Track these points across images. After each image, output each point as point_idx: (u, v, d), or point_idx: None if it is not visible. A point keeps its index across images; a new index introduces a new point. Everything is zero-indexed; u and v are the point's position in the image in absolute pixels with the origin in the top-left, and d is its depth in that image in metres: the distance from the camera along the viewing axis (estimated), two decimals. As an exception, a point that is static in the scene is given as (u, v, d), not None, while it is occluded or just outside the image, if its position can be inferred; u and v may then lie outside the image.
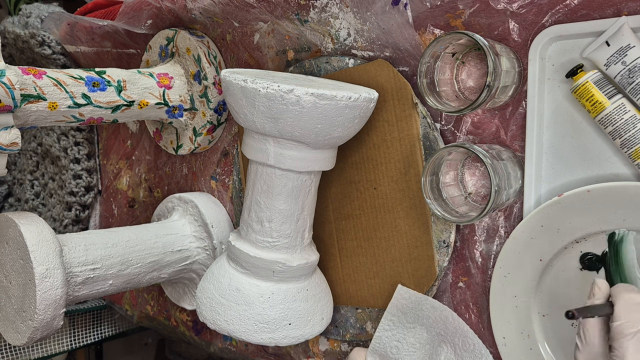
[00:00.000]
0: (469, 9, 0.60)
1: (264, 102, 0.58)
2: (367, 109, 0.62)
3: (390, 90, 0.67)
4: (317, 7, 0.71)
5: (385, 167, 0.68)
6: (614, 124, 0.53)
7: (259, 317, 0.66)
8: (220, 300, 0.68)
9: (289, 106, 0.57)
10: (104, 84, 0.75)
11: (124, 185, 1.10)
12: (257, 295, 0.67)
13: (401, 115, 0.66)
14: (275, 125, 0.59)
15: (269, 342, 0.66)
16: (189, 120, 0.86)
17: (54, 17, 1.07)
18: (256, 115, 0.60)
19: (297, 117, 0.58)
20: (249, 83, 0.58)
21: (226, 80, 0.62)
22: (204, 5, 0.81)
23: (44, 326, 0.68)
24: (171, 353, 1.58)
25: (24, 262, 0.68)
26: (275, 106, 0.58)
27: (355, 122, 0.62)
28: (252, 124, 0.61)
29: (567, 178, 0.58)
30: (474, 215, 0.56)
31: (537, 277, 0.60)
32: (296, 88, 0.57)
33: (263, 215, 0.66)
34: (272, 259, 0.67)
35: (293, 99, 0.57)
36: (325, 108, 0.58)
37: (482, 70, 0.59)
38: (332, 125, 0.60)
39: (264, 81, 0.58)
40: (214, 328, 0.68)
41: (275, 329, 0.66)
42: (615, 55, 0.52)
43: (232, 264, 0.70)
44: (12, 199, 1.32)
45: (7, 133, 0.66)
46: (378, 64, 0.67)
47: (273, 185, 0.65)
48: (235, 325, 0.66)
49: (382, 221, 0.70)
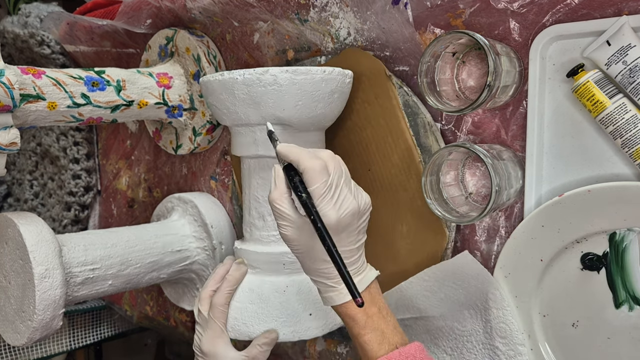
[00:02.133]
0: (469, 9, 0.60)
1: (243, 89, 0.60)
2: (344, 83, 0.64)
3: (363, 72, 0.68)
4: (317, 6, 0.71)
5: (375, 146, 0.68)
6: (614, 123, 0.53)
7: (277, 313, 0.64)
8: (235, 304, 0.66)
9: (267, 87, 0.60)
10: (103, 84, 0.75)
11: (124, 185, 1.10)
12: (271, 291, 0.65)
13: (379, 92, 0.67)
14: (257, 111, 0.61)
15: (292, 336, 0.64)
16: (189, 120, 0.85)
17: (53, 17, 1.07)
18: (238, 105, 0.62)
19: (277, 97, 0.60)
20: (226, 75, 0.61)
21: (205, 82, 0.64)
22: (204, 4, 0.80)
23: (43, 326, 0.68)
24: (171, 354, 1.58)
25: (23, 262, 0.67)
26: (254, 90, 0.60)
27: (334, 97, 0.63)
28: (236, 116, 0.63)
29: (568, 178, 0.58)
30: (475, 215, 0.56)
31: (537, 277, 0.60)
32: (271, 69, 0.59)
33: (263, 209, 0.66)
34: (280, 250, 0.66)
35: (270, 79, 0.59)
36: (302, 83, 0.60)
37: (482, 69, 0.59)
38: (312, 100, 0.61)
39: (240, 70, 0.61)
40: (234, 336, 0.66)
41: (297, 322, 0.64)
42: (616, 55, 0.52)
43: None
44: (11, 199, 1.32)
45: (7, 133, 0.66)
46: (346, 53, 0.70)
47: (268, 177, 0.65)
48: (255, 327, 0.64)
49: (383, 200, 0.69)
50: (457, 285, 0.64)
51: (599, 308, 0.57)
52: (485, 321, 0.63)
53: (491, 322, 0.63)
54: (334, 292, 0.54)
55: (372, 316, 0.53)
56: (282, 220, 0.52)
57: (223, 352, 0.64)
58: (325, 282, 0.54)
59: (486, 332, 0.63)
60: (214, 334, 0.65)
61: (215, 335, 0.65)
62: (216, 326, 0.65)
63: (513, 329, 0.61)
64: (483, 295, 0.63)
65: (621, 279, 0.55)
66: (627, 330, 0.56)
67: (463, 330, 0.65)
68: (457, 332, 0.66)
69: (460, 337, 0.66)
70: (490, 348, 0.63)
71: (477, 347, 0.64)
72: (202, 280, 0.87)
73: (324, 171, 0.50)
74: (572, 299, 0.58)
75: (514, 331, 0.61)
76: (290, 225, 0.52)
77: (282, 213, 0.52)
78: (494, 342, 0.63)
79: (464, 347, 0.65)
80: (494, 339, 0.62)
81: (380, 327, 0.53)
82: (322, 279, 0.54)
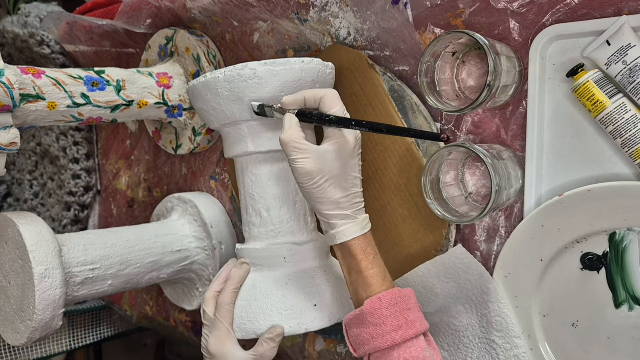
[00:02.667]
0: (469, 8, 0.60)
1: (226, 86, 0.62)
2: (325, 74, 0.65)
3: (347, 65, 0.69)
4: (317, 6, 0.71)
5: (366, 136, 0.69)
6: (614, 123, 0.53)
7: (281, 305, 0.64)
8: (239, 303, 0.66)
9: (248, 81, 0.61)
10: (103, 84, 0.75)
11: (123, 185, 1.10)
12: (274, 285, 0.65)
13: (364, 83, 0.68)
14: (241, 106, 0.62)
15: (299, 328, 0.63)
16: (189, 120, 0.85)
17: (53, 17, 1.07)
18: (223, 104, 0.63)
19: (259, 90, 0.61)
20: (209, 76, 0.63)
21: (191, 87, 0.66)
22: (204, 4, 0.80)
23: (43, 326, 0.68)
24: (171, 354, 1.58)
25: (23, 262, 0.67)
26: (236, 86, 0.61)
27: (317, 87, 0.64)
28: (223, 116, 0.64)
29: (568, 178, 0.58)
30: (475, 215, 0.56)
31: (537, 277, 0.60)
32: (250, 63, 0.61)
33: (260, 206, 0.67)
34: (279, 243, 0.66)
35: (249, 73, 0.61)
36: (283, 74, 0.61)
37: (482, 69, 0.59)
38: (294, 90, 0.62)
39: (221, 69, 0.62)
40: (241, 336, 0.65)
41: (302, 313, 0.64)
42: (616, 55, 0.52)
43: None
44: (11, 199, 1.32)
45: (6, 133, 0.66)
46: (328, 50, 0.71)
47: (260, 173, 0.66)
48: (260, 322, 0.64)
49: (380, 186, 0.69)
50: (451, 279, 0.64)
51: (599, 308, 0.57)
52: (481, 315, 0.63)
53: (487, 316, 0.63)
54: (351, 223, 0.57)
55: (377, 254, 0.58)
56: (302, 154, 0.55)
57: (231, 352, 0.64)
58: (345, 213, 0.57)
59: (482, 326, 0.63)
60: (220, 334, 0.65)
61: (222, 335, 0.65)
62: (223, 326, 0.65)
63: (509, 322, 0.61)
64: (478, 289, 0.63)
65: (621, 279, 0.55)
66: (627, 330, 0.56)
67: (459, 325, 0.65)
68: (453, 327, 0.66)
69: (456, 333, 0.66)
70: (487, 342, 0.63)
71: (474, 342, 0.64)
72: (202, 281, 0.87)
73: (339, 98, 0.57)
74: (572, 299, 0.58)
75: (509, 324, 0.61)
76: (310, 157, 0.55)
77: (300, 147, 0.55)
78: (490, 336, 0.63)
79: (461, 343, 0.65)
80: (491, 333, 0.63)
81: (382, 266, 0.58)
82: (341, 210, 0.57)
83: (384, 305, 0.54)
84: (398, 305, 0.54)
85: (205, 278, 0.86)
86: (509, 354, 0.62)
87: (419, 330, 0.54)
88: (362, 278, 0.56)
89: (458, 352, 0.65)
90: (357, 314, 0.56)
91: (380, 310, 0.54)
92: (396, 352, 0.53)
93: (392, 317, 0.54)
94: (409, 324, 0.54)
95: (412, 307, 0.55)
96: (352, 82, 0.69)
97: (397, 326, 0.53)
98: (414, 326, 0.54)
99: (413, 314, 0.55)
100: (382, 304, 0.54)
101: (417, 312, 0.56)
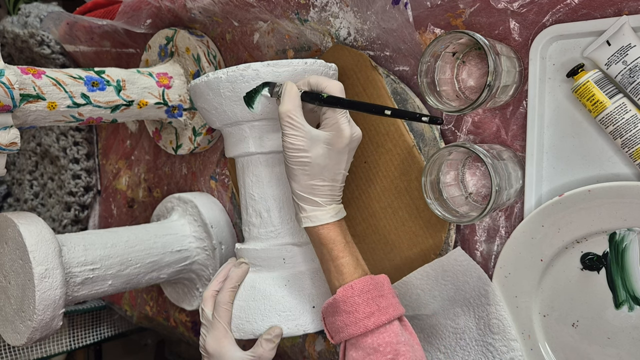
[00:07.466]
0: (469, 8, 0.60)
1: (228, 87, 0.61)
2: (328, 75, 0.65)
3: (350, 67, 0.69)
4: (317, 6, 0.71)
5: (367, 137, 0.69)
6: (614, 123, 0.53)
7: (279, 307, 0.64)
8: (238, 303, 0.66)
9: (250, 82, 0.61)
10: (103, 84, 0.75)
11: (123, 185, 1.10)
12: (273, 286, 0.65)
13: (366, 84, 0.68)
14: (244, 107, 0.62)
15: (297, 330, 0.64)
16: (189, 120, 0.85)
17: (53, 17, 1.07)
18: (225, 104, 0.63)
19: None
20: (211, 75, 0.62)
21: (192, 86, 0.66)
22: (204, 4, 0.80)
23: (43, 326, 0.68)
24: (170, 354, 1.58)
25: (23, 262, 0.67)
26: (238, 86, 0.61)
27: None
28: (225, 116, 0.64)
29: (568, 178, 0.58)
30: (475, 215, 0.56)
31: (537, 278, 0.60)
32: (253, 64, 0.60)
33: (260, 206, 0.67)
34: (279, 244, 0.66)
35: (252, 74, 0.60)
36: (285, 75, 0.61)
37: (482, 69, 0.59)
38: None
39: (224, 69, 0.62)
40: (239, 336, 0.65)
41: (300, 315, 0.64)
42: (616, 55, 0.52)
43: None
44: (11, 199, 1.32)
45: (6, 133, 0.66)
46: (330, 51, 0.70)
47: (261, 173, 0.66)
48: (259, 323, 0.64)
49: (381, 188, 0.69)
50: (449, 282, 0.64)
51: (599, 308, 0.57)
52: (479, 318, 0.63)
53: (484, 319, 0.63)
54: (321, 210, 0.58)
55: (349, 242, 0.59)
56: (295, 130, 0.56)
57: (228, 351, 0.64)
58: (316, 200, 0.58)
59: (479, 328, 0.63)
60: (218, 333, 0.65)
61: (220, 335, 0.65)
62: (220, 326, 0.65)
63: (506, 325, 0.61)
64: (475, 291, 0.63)
65: (621, 279, 0.55)
66: (627, 330, 0.56)
67: (456, 327, 0.65)
68: (450, 329, 0.66)
69: (453, 335, 0.66)
70: (484, 345, 0.63)
71: (471, 345, 0.64)
72: (202, 280, 0.87)
73: (343, 91, 0.57)
74: (572, 299, 0.58)
75: (507, 327, 0.61)
76: (302, 136, 0.56)
77: (295, 123, 0.56)
78: (487, 339, 0.63)
79: (458, 345, 0.65)
80: (488, 336, 0.63)
81: (355, 254, 0.59)
82: (314, 196, 0.58)
83: (355, 292, 0.55)
84: (370, 292, 0.55)
85: (205, 278, 0.86)
86: (505, 357, 0.62)
87: (392, 315, 0.55)
88: (334, 266, 0.58)
89: (455, 354, 0.65)
90: (331, 302, 0.57)
91: (352, 298, 0.55)
92: (369, 338, 0.54)
93: (364, 304, 0.55)
94: (381, 310, 0.55)
95: (385, 294, 0.56)
96: (354, 83, 0.69)
97: (370, 313, 0.54)
98: (387, 312, 0.55)
99: (386, 300, 0.56)
100: (354, 292, 0.55)
101: (390, 298, 0.57)
